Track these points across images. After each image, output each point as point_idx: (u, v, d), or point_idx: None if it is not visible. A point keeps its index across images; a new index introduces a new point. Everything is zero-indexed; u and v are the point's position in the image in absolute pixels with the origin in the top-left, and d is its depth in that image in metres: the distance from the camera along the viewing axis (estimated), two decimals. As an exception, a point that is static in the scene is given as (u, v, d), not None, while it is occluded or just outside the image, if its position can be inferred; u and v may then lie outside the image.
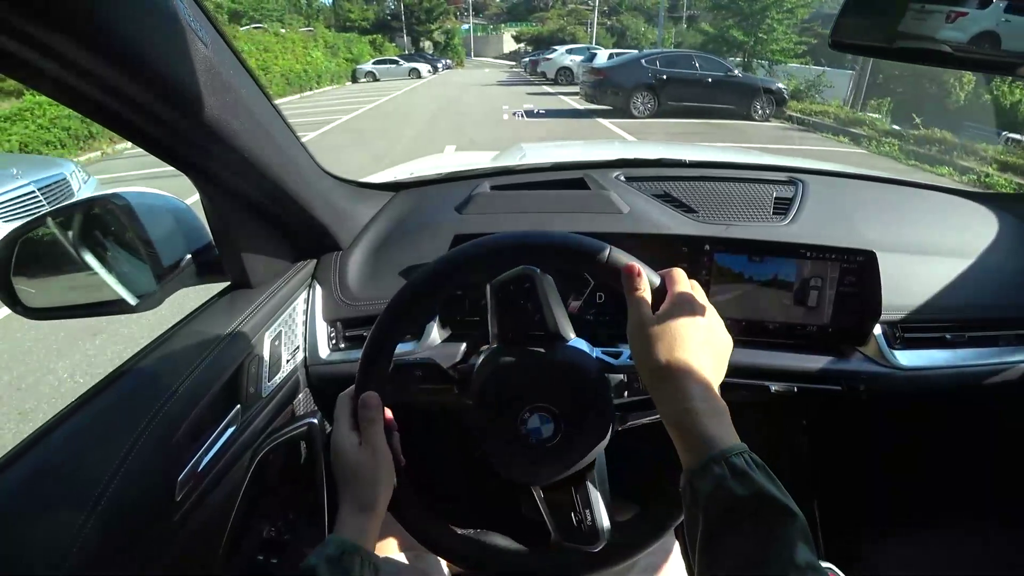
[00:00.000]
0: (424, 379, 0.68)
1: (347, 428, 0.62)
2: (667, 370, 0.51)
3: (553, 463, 0.62)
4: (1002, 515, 1.27)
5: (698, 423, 0.48)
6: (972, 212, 1.26)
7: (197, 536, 0.70)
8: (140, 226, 0.75)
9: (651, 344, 0.53)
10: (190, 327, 0.80)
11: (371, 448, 0.60)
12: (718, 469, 0.45)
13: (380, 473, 0.60)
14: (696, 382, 0.51)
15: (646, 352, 0.53)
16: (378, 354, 0.62)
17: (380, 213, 1.15)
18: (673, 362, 0.51)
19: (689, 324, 0.54)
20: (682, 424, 0.49)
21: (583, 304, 0.99)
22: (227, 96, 0.63)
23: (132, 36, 0.49)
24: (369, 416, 0.61)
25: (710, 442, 0.47)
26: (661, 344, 0.52)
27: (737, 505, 0.44)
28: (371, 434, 0.61)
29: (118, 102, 0.55)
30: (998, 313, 1.07)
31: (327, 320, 1.01)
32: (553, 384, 0.61)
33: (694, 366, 0.52)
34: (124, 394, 0.66)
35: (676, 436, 0.50)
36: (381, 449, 0.61)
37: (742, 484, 0.44)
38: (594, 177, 1.19)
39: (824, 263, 0.97)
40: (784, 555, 0.41)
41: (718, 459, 0.46)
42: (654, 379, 0.53)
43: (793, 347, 1.02)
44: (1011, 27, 0.67)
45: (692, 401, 0.50)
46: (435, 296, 0.63)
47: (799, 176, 1.22)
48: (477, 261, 0.61)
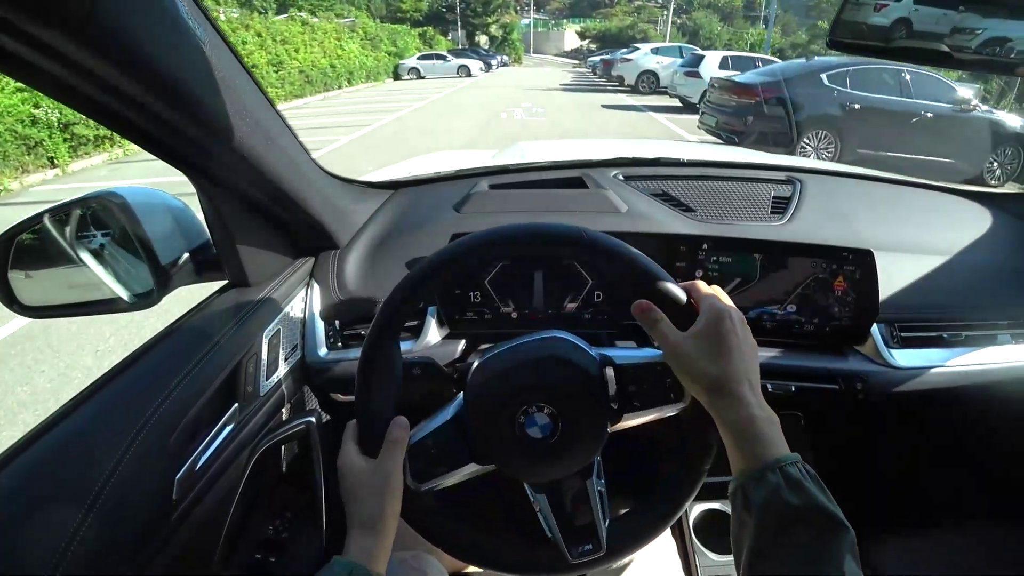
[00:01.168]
0: (423, 377, 0.68)
1: (355, 451, 0.61)
2: (723, 380, 0.52)
3: (552, 461, 0.62)
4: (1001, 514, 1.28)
5: (758, 430, 0.50)
6: (969, 211, 1.27)
7: (195, 535, 0.70)
8: (138, 224, 0.75)
9: (700, 359, 0.54)
10: (188, 325, 0.79)
11: (384, 471, 0.59)
12: (773, 478, 0.46)
13: (390, 493, 0.59)
14: (751, 389, 0.53)
15: (696, 367, 0.54)
16: (378, 350, 0.61)
17: (378, 212, 1.15)
18: (727, 373, 0.52)
19: (731, 333, 0.55)
20: (743, 432, 0.50)
21: (581, 303, 1.00)
22: (225, 94, 0.63)
23: (130, 34, 0.48)
24: (396, 436, 0.61)
25: (766, 450, 0.48)
26: (709, 357, 0.53)
27: (791, 515, 0.45)
28: (390, 455, 0.60)
29: (116, 100, 0.55)
30: (995, 312, 1.07)
31: (325, 318, 1.01)
32: (551, 382, 0.61)
33: (745, 373, 0.53)
34: (121, 392, 0.65)
35: (733, 442, 0.51)
36: (395, 472, 0.60)
37: (796, 494, 0.45)
38: (592, 176, 1.19)
39: (822, 262, 0.97)
40: (834, 567, 0.42)
41: (773, 467, 0.47)
42: (712, 392, 0.53)
43: (790, 346, 1.03)
44: (920, 15, 0.71)
45: (751, 408, 0.51)
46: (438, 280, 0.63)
47: (797, 175, 1.22)
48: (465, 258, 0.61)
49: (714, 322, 0.55)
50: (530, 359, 0.62)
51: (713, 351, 0.54)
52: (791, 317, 1.00)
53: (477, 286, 0.98)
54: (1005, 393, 1.06)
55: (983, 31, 0.73)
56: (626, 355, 0.64)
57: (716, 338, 0.54)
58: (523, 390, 0.61)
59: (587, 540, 0.65)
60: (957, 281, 1.10)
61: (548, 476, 0.64)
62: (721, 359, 0.53)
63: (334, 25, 21.55)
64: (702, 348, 0.54)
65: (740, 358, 0.54)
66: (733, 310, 0.57)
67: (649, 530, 0.66)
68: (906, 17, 0.74)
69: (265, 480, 0.84)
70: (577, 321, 1.00)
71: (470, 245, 0.60)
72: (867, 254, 0.96)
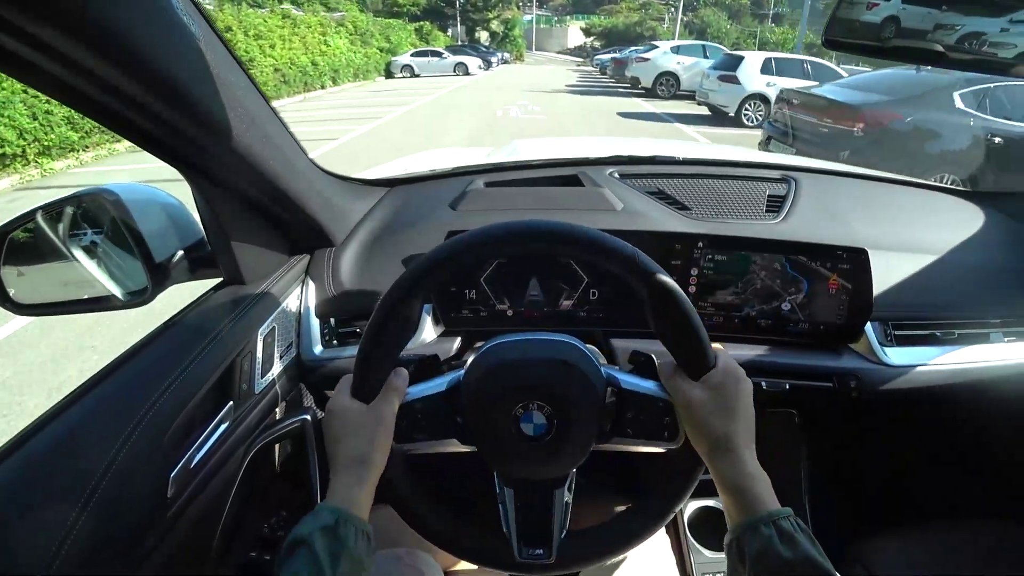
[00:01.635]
0: (419, 373, 0.68)
1: (348, 394, 0.61)
2: (727, 440, 0.56)
3: (535, 462, 0.62)
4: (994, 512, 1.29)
5: (753, 487, 0.53)
6: (962, 210, 1.28)
7: (190, 533, 0.70)
8: (132, 221, 0.75)
9: (711, 414, 0.57)
10: (182, 323, 0.79)
11: (378, 412, 0.60)
12: (767, 531, 0.49)
13: (379, 439, 0.59)
14: (750, 450, 0.56)
15: (706, 421, 0.57)
16: (387, 322, 0.60)
17: (374, 209, 1.15)
18: (732, 433, 0.56)
19: (743, 394, 0.58)
20: (741, 488, 0.54)
21: (576, 301, 1.00)
22: (220, 91, 0.63)
23: (124, 29, 0.48)
24: (396, 384, 0.61)
25: (760, 505, 0.52)
26: (719, 414, 0.57)
27: (783, 566, 0.47)
28: (387, 399, 0.60)
29: (109, 97, 0.54)
30: (987, 310, 1.08)
31: (320, 316, 1.00)
32: (558, 385, 0.61)
33: (745, 433, 0.57)
34: (115, 391, 0.65)
35: (730, 497, 0.55)
36: (387, 419, 0.60)
37: (789, 547, 0.48)
38: (588, 174, 1.19)
39: (816, 261, 0.97)
40: None
41: (767, 521, 0.50)
42: (716, 447, 0.56)
43: (785, 344, 1.03)
44: (908, 13, 0.72)
45: (748, 467, 0.55)
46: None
47: (791, 174, 1.23)
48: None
49: (732, 382, 0.58)
50: (542, 357, 0.62)
51: (724, 409, 0.57)
52: (785, 315, 1.00)
53: (473, 284, 0.98)
54: (997, 391, 1.06)
55: (962, 27, 0.74)
56: (632, 382, 0.64)
57: (729, 397, 0.57)
58: (529, 386, 0.61)
59: (539, 545, 0.65)
60: (950, 280, 1.11)
61: (525, 474, 0.65)
62: (730, 418, 0.56)
63: (319, 19, 19.98)
64: (715, 404, 0.57)
65: (746, 420, 0.57)
66: (746, 380, 0.60)
67: (603, 553, 0.67)
68: (895, 15, 0.74)
69: (260, 478, 0.84)
70: (573, 319, 1.00)
71: (523, 232, 0.59)
72: (861, 252, 0.96)
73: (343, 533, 0.52)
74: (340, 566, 0.50)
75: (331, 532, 0.52)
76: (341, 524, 0.52)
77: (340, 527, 0.52)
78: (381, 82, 21.48)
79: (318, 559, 0.49)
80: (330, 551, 0.50)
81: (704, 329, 0.59)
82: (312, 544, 0.50)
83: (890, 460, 1.46)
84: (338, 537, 0.52)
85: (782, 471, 1.26)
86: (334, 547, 0.51)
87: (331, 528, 0.52)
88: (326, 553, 0.50)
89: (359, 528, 0.54)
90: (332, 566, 0.49)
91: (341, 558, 0.50)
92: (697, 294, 1.00)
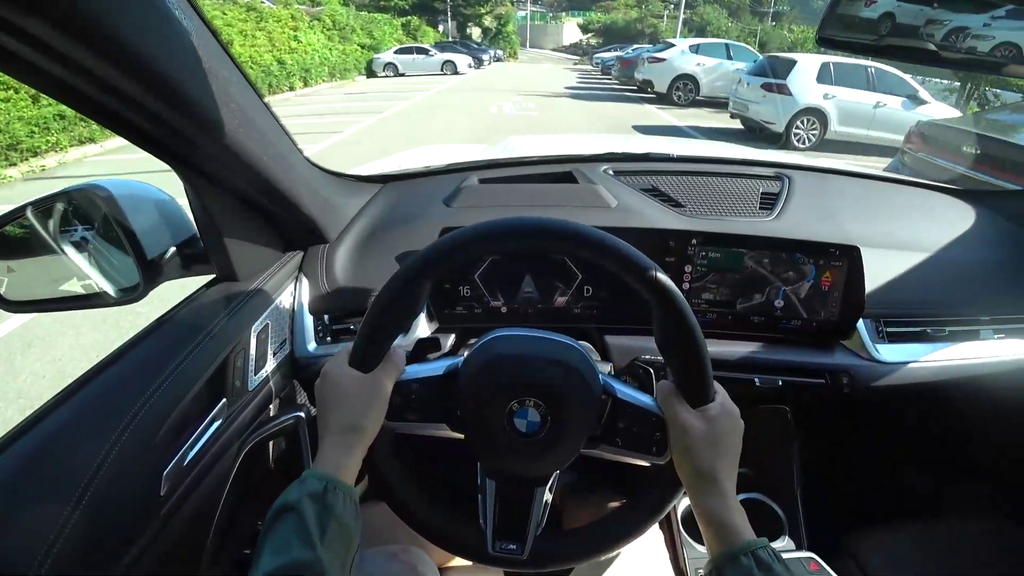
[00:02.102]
0: (418, 354, 0.68)
1: (346, 363, 0.61)
2: (713, 472, 0.57)
3: (523, 458, 0.62)
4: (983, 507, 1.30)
5: (733, 520, 0.55)
6: (952, 208, 1.29)
7: (184, 531, 0.70)
8: (123, 217, 0.74)
9: (702, 446, 0.58)
10: (175, 320, 0.79)
11: (376, 382, 0.59)
12: (746, 561, 0.51)
13: (374, 410, 0.59)
14: (732, 484, 0.58)
15: (697, 451, 0.58)
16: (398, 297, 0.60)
17: (367, 205, 1.14)
18: (719, 467, 0.57)
19: (735, 433, 0.60)
20: (720, 519, 0.55)
21: (570, 297, 1.00)
22: (212, 85, 0.62)
23: (115, 23, 0.48)
24: (395, 361, 0.62)
25: (738, 535, 0.54)
26: (711, 447, 0.58)
27: None
28: (386, 372, 0.60)
29: (102, 92, 0.54)
30: (977, 307, 1.09)
31: (314, 313, 1.00)
32: (558, 386, 0.61)
33: (731, 468, 0.59)
34: (107, 388, 0.65)
35: (709, 528, 0.56)
36: (384, 392, 0.60)
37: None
38: (582, 171, 1.19)
39: (809, 258, 0.98)
40: None
41: (746, 551, 0.52)
42: (700, 479, 0.58)
43: (778, 341, 1.04)
44: (903, 10, 0.73)
45: (728, 500, 0.57)
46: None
47: (785, 171, 1.23)
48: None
49: (727, 419, 0.60)
50: (544, 356, 0.62)
51: (715, 442, 0.58)
52: (778, 312, 1.01)
53: (467, 280, 0.98)
54: (988, 388, 1.07)
55: (951, 22, 0.74)
56: (628, 392, 0.64)
57: (722, 432, 0.59)
58: (528, 383, 0.61)
59: (513, 540, 0.65)
60: (941, 277, 1.11)
61: (510, 469, 0.65)
62: (719, 452, 0.58)
63: (291, 11, 17.70)
64: (708, 435, 0.58)
65: (733, 456, 0.59)
66: (739, 419, 0.61)
67: (577, 556, 0.67)
68: (891, 11, 0.75)
69: (254, 475, 0.84)
70: (567, 315, 1.00)
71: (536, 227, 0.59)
72: (854, 250, 0.97)
73: (331, 500, 0.52)
74: (328, 533, 0.50)
75: (320, 499, 0.51)
76: (330, 491, 0.52)
77: (329, 494, 0.52)
78: (361, 82, 19.45)
79: (307, 526, 0.49)
80: (318, 518, 0.50)
81: (710, 364, 0.60)
82: (302, 511, 0.50)
83: (882, 456, 1.47)
84: (327, 504, 0.51)
85: (775, 467, 1.27)
86: (322, 514, 0.51)
87: (320, 495, 0.52)
88: (315, 520, 0.50)
89: (347, 495, 0.54)
90: (321, 533, 0.49)
91: (329, 525, 0.50)
92: (691, 291, 1.00)
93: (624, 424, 0.63)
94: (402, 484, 0.67)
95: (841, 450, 1.45)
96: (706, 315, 1.01)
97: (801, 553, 1.08)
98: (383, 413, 0.60)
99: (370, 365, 0.61)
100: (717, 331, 1.02)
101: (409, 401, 0.63)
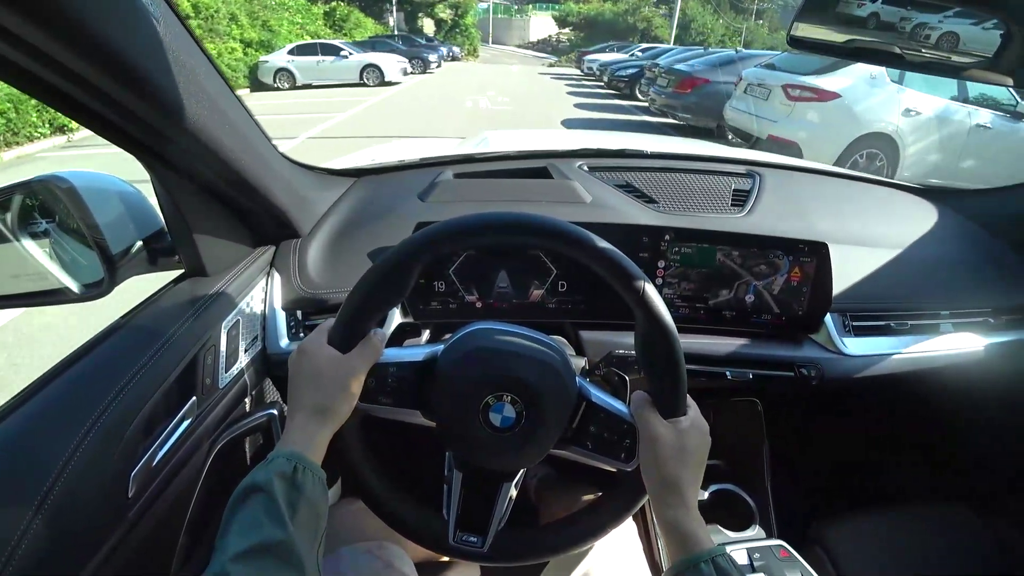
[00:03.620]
0: (397, 338, 0.68)
1: (324, 341, 0.60)
2: (678, 482, 0.59)
3: (493, 453, 0.63)
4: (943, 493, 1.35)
5: (694, 529, 0.56)
6: (916, 206, 1.33)
7: (153, 533, 0.68)
8: (86, 210, 0.71)
9: (668, 459, 0.59)
10: (142, 317, 0.76)
11: (351, 364, 0.59)
12: (706, 568, 0.52)
13: (350, 390, 0.58)
14: (694, 494, 0.60)
15: (663, 462, 0.59)
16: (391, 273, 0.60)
17: (341, 200, 1.13)
18: (683, 477, 0.59)
19: (703, 447, 0.62)
20: (680, 526, 0.57)
21: (546, 293, 1.00)
22: (180, 73, 0.60)
23: (79, 9, 0.46)
24: (374, 343, 0.61)
25: (698, 544, 0.55)
26: (678, 458, 0.59)
27: None
28: (363, 354, 0.60)
29: (64, 79, 0.52)
30: (938, 301, 1.13)
31: (286, 308, 0.98)
32: (536, 384, 0.61)
33: (695, 481, 0.60)
34: (71, 387, 0.63)
35: (669, 534, 0.58)
36: (359, 373, 0.59)
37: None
38: (557, 166, 1.20)
39: (779, 253, 1.00)
40: None
41: (706, 559, 0.53)
42: (665, 488, 0.59)
43: (748, 335, 1.06)
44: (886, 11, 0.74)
45: (691, 510, 0.58)
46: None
47: (756, 169, 1.25)
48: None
49: (696, 433, 0.61)
50: (526, 353, 0.62)
51: (683, 454, 0.60)
52: (749, 307, 1.03)
53: (441, 275, 0.97)
54: (946, 379, 1.11)
55: (914, 20, 0.76)
56: (602, 398, 0.65)
57: (690, 445, 0.60)
58: (507, 378, 0.61)
59: (476, 533, 0.66)
60: (904, 272, 1.15)
61: (479, 463, 0.65)
62: (685, 463, 0.59)
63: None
64: (676, 447, 0.60)
65: (698, 469, 0.61)
66: (707, 432, 0.63)
67: (537, 552, 0.68)
68: (876, 11, 0.76)
69: (227, 474, 0.82)
70: (542, 310, 1.00)
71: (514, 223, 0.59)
72: (822, 246, 0.99)
73: (301, 480, 0.51)
74: (299, 513, 0.49)
75: (289, 479, 0.51)
76: (299, 471, 0.52)
77: (299, 474, 0.51)
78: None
79: (278, 505, 0.48)
80: (288, 497, 0.49)
81: (686, 378, 0.61)
82: (271, 490, 0.49)
83: (849, 446, 1.51)
84: (295, 484, 0.51)
85: (746, 457, 1.30)
86: (292, 494, 0.50)
87: (289, 475, 0.51)
88: (285, 500, 0.49)
89: (316, 474, 0.53)
90: (292, 512, 0.49)
91: (300, 505, 0.50)
92: (664, 286, 1.01)
93: (596, 428, 0.64)
94: (366, 467, 0.66)
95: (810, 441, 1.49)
96: (679, 309, 1.02)
97: (771, 541, 1.10)
98: (356, 396, 0.60)
99: (349, 345, 0.60)
100: (689, 325, 1.03)
101: (384, 384, 0.63)
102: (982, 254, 1.23)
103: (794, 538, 1.10)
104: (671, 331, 0.59)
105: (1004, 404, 1.18)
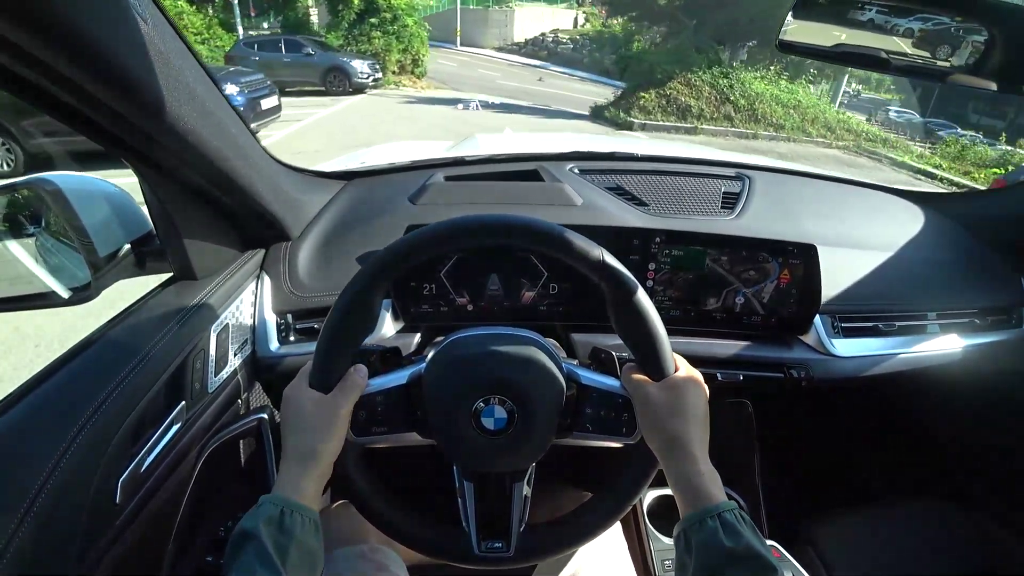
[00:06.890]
0: (380, 366, 0.68)
1: (306, 384, 0.60)
2: (681, 439, 0.58)
3: (495, 456, 0.63)
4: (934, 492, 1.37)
5: (703, 484, 0.55)
6: (903, 209, 1.35)
7: (141, 540, 0.67)
8: (72, 212, 0.70)
9: (667, 414, 0.59)
10: (129, 321, 0.76)
11: (333, 407, 0.59)
12: (712, 523, 0.52)
13: (333, 430, 0.59)
14: (702, 450, 0.59)
15: (662, 420, 0.59)
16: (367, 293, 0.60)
17: (331, 202, 1.12)
18: (685, 433, 0.58)
19: (700, 398, 0.61)
20: (690, 483, 0.56)
21: (536, 295, 1.00)
22: (168, 74, 0.60)
23: (66, 10, 0.45)
24: (355, 381, 0.61)
25: (708, 499, 0.54)
26: (675, 414, 0.59)
27: (726, 556, 0.50)
28: (344, 394, 0.60)
29: (51, 81, 0.51)
30: (925, 303, 1.14)
31: (276, 312, 0.98)
32: (522, 381, 0.61)
33: (701, 436, 0.59)
34: (57, 392, 0.62)
35: (680, 492, 0.57)
36: (342, 413, 0.60)
37: (732, 538, 0.50)
38: (548, 169, 1.20)
39: (768, 256, 1.01)
40: None
41: (712, 514, 0.52)
42: (668, 446, 0.59)
43: (738, 336, 1.06)
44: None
45: (699, 464, 0.57)
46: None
47: (746, 172, 1.26)
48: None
49: (690, 385, 0.61)
50: (504, 352, 0.62)
51: (681, 410, 0.59)
52: (739, 309, 1.03)
53: (432, 278, 0.97)
54: (933, 378, 1.13)
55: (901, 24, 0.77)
56: (592, 377, 0.65)
57: (686, 400, 0.60)
58: (490, 380, 0.61)
59: (498, 538, 0.66)
60: (892, 274, 1.16)
61: (484, 468, 0.65)
62: (685, 419, 0.59)
63: None
64: (672, 405, 0.59)
65: (700, 421, 0.60)
66: (703, 385, 0.62)
67: (561, 545, 0.68)
68: (863, 17, 0.77)
69: (217, 479, 0.81)
70: (533, 313, 1.00)
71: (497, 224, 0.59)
72: (811, 249, 1.00)
73: (289, 524, 0.51)
74: (290, 556, 0.50)
75: (276, 523, 0.51)
76: (287, 514, 0.52)
77: (286, 518, 0.52)
78: None
79: (267, 552, 0.48)
80: (276, 542, 0.50)
81: (667, 337, 0.61)
82: (259, 537, 0.49)
83: (838, 446, 1.53)
84: (284, 528, 0.51)
85: (737, 458, 1.31)
86: (280, 539, 0.50)
87: (276, 519, 0.51)
88: (273, 545, 0.49)
89: (306, 517, 0.53)
90: (282, 557, 0.49)
91: (290, 548, 0.50)
92: (655, 288, 1.02)
93: (592, 409, 0.64)
94: (376, 497, 0.66)
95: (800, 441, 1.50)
96: (669, 312, 1.03)
97: None
98: (343, 434, 0.60)
99: (329, 385, 0.60)
100: (681, 327, 1.04)
101: (375, 414, 0.63)
102: (966, 256, 1.25)
103: (786, 537, 1.11)
104: (637, 291, 0.59)
105: (989, 403, 1.20)
